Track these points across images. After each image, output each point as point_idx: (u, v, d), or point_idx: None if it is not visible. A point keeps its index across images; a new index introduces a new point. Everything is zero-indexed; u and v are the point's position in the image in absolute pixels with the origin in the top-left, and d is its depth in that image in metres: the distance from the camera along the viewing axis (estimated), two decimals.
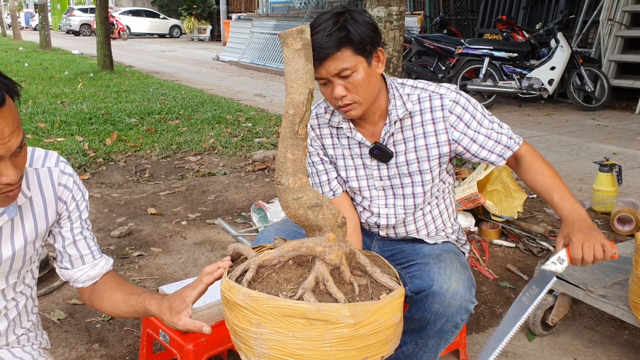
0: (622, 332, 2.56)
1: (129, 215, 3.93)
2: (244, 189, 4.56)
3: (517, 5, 11.48)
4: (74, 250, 1.48)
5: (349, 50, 1.59)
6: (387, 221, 1.90)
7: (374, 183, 1.86)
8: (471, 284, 1.71)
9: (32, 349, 1.49)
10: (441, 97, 1.75)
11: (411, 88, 1.79)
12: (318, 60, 1.58)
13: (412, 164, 1.81)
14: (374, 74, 1.67)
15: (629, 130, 7.01)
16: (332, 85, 1.65)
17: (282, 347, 1.21)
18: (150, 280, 3.00)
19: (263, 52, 14.73)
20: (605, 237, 1.61)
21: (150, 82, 10.93)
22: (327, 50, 1.58)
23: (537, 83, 8.23)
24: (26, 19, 36.90)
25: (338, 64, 1.60)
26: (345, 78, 1.62)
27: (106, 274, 1.54)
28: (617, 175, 3.98)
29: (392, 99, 1.76)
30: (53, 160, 1.40)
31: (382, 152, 1.79)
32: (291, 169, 1.32)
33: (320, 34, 1.58)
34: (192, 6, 28.88)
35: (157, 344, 2.22)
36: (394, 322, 1.29)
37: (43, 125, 6.45)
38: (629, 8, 8.59)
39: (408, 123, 1.78)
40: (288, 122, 1.30)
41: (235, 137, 6.31)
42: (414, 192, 1.85)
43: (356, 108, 1.69)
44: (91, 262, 1.51)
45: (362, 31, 1.60)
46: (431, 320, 1.68)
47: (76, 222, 1.46)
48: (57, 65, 13.54)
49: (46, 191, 1.38)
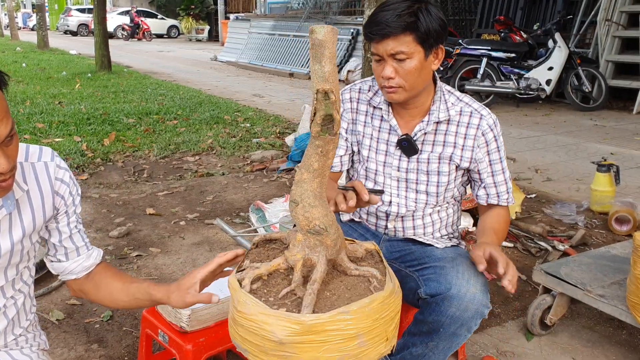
0: (621, 332, 2.56)
1: (128, 216, 3.92)
2: (242, 189, 4.56)
3: (514, 5, 11.49)
4: (70, 243, 1.50)
5: (412, 36, 1.63)
6: (397, 209, 1.90)
7: (390, 172, 1.88)
8: (487, 289, 1.71)
9: (30, 351, 1.49)
10: (481, 118, 1.80)
11: (456, 99, 1.83)
12: (380, 36, 1.64)
13: (433, 163, 1.83)
14: (427, 68, 1.71)
15: (627, 130, 7.02)
16: (384, 64, 1.69)
17: (379, 334, 1.27)
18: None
19: (261, 53, 14.72)
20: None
21: (148, 82, 10.92)
22: (392, 29, 1.62)
23: (535, 83, 8.25)
24: (24, 19, 36.81)
25: (396, 45, 1.63)
26: (399, 61, 1.66)
27: (100, 264, 1.57)
28: (614, 175, 3.99)
29: (438, 100, 1.80)
30: (48, 155, 1.43)
31: (410, 145, 1.82)
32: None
33: (391, 12, 1.62)
34: (190, 6, 28.84)
35: (156, 344, 2.22)
36: None
37: (41, 126, 6.44)
38: (626, 8, 8.61)
39: (443, 128, 1.81)
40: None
41: (233, 137, 6.31)
42: (428, 190, 1.86)
43: (400, 92, 1.72)
44: (86, 254, 1.53)
45: (430, 23, 1.64)
46: (445, 323, 1.66)
47: (72, 216, 1.49)
48: (55, 65, 13.52)
49: (43, 185, 1.39)
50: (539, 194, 4.44)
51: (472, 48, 8.44)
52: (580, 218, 3.82)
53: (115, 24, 27.77)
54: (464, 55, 8.40)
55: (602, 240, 3.54)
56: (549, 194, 4.46)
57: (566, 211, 3.90)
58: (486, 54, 8.32)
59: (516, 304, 2.81)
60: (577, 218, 3.82)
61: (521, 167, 5.25)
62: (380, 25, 1.62)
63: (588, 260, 2.57)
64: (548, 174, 5.01)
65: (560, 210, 3.94)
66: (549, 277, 2.44)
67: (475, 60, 8.34)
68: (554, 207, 4.02)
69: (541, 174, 5.01)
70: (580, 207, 4.04)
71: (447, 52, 8.81)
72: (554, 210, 3.96)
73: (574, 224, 3.78)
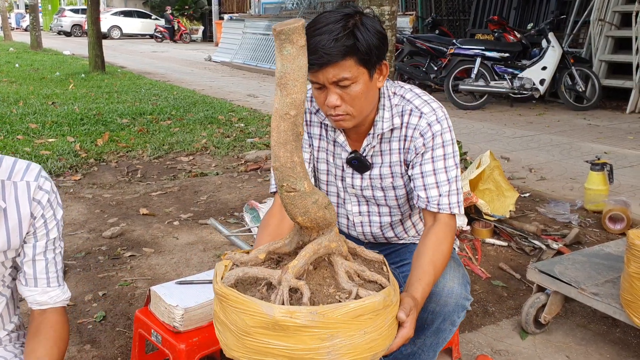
0: (614, 330, 2.57)
1: (121, 216, 3.91)
2: (236, 189, 4.55)
3: (508, 5, 11.52)
4: (29, 269, 1.40)
5: (353, 59, 1.48)
6: (362, 229, 1.87)
7: (347, 188, 1.81)
8: (466, 281, 1.70)
9: (14, 348, 1.48)
10: (421, 116, 1.65)
11: (400, 98, 1.68)
12: (318, 65, 1.48)
13: (386, 178, 1.74)
14: (373, 88, 1.58)
15: (620, 129, 7.04)
16: (326, 92, 1.55)
17: (355, 348, 1.20)
18: (142, 281, 2.98)
19: (255, 53, 14.71)
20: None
21: (142, 82, 10.89)
22: (331, 56, 1.46)
23: (529, 83, 8.27)
24: (17, 20, 36.66)
25: (338, 72, 1.49)
26: (343, 88, 1.52)
27: (54, 312, 1.44)
28: (608, 174, 4.00)
29: (382, 109, 1.67)
30: (33, 174, 1.36)
31: (360, 163, 1.72)
32: (302, 173, 1.23)
33: (326, 35, 1.46)
34: (184, 7, 28.81)
35: (149, 345, 2.21)
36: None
37: (34, 126, 6.41)
38: (619, 8, 8.64)
39: (388, 135, 1.70)
40: (290, 124, 1.21)
41: (227, 137, 6.30)
42: (388, 204, 1.80)
43: (348, 120, 1.58)
44: (42, 288, 1.41)
45: (370, 41, 1.49)
46: (428, 319, 1.66)
47: (41, 240, 1.39)
48: (49, 66, 13.48)
49: (22, 207, 1.34)
50: (533, 193, 4.44)
51: (466, 48, 8.46)
52: (574, 217, 3.83)
53: (109, 25, 27.69)
54: (458, 55, 8.42)
55: (596, 239, 3.55)
56: (543, 193, 4.47)
57: (560, 210, 3.91)
58: (480, 53, 8.33)
59: (510, 302, 2.81)
60: (571, 217, 3.82)
61: (515, 166, 5.26)
62: (318, 53, 1.44)
63: (582, 259, 2.57)
64: (542, 173, 5.02)
65: (554, 209, 3.95)
66: (543, 275, 2.44)
67: (469, 60, 8.35)
68: (548, 206, 4.02)
69: (535, 173, 5.02)
70: (574, 205, 4.05)
71: (441, 52, 8.85)
72: (548, 209, 3.97)
73: (567, 222, 3.78)
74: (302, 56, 1.18)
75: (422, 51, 9.18)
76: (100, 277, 3.02)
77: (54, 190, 1.40)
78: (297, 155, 1.22)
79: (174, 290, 2.02)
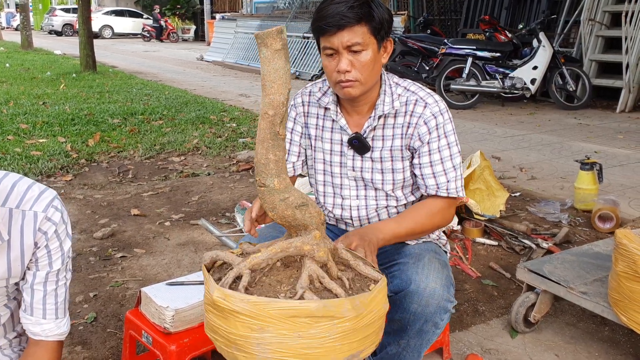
0: (603, 328, 2.59)
1: (112, 217, 3.90)
2: (228, 189, 4.55)
3: (499, 5, 11.55)
4: (27, 297, 1.37)
5: (367, 27, 1.62)
6: (357, 213, 1.89)
7: (346, 172, 1.86)
8: (449, 283, 1.70)
9: (12, 352, 1.48)
10: (426, 106, 1.76)
11: (403, 90, 1.79)
12: (334, 28, 1.60)
13: (386, 161, 1.81)
14: (378, 61, 1.70)
15: (610, 129, 7.09)
16: (338, 58, 1.65)
17: (287, 349, 1.20)
18: (133, 282, 2.98)
19: (247, 52, 14.69)
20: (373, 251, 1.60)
21: (133, 82, 10.85)
22: (347, 20, 1.59)
23: (520, 82, 8.31)
24: (7, 19, 36.41)
25: (353, 36, 1.61)
26: (355, 53, 1.64)
27: (48, 345, 1.41)
28: (598, 173, 4.03)
29: (383, 94, 1.77)
30: (43, 204, 1.32)
31: (361, 143, 1.80)
32: (274, 170, 1.31)
33: (342, 4, 1.59)
34: (175, 6, 28.72)
35: (140, 346, 2.21)
36: (384, 310, 1.33)
37: (25, 126, 6.38)
38: (609, 8, 8.69)
39: (391, 122, 1.79)
40: (268, 123, 1.29)
41: (219, 137, 6.29)
42: (384, 188, 1.85)
43: (356, 87, 1.68)
44: (37, 319, 1.38)
45: (382, 14, 1.64)
46: (410, 320, 1.67)
47: (42, 270, 1.36)
48: (39, 65, 13.40)
49: (26, 237, 1.31)
50: (523, 192, 4.47)
51: (457, 48, 8.49)
52: (564, 216, 3.85)
53: (101, 24, 27.55)
54: (450, 54, 8.44)
55: (586, 238, 3.57)
56: (533, 192, 4.49)
57: (550, 209, 3.93)
58: (471, 53, 8.36)
59: (500, 301, 2.83)
60: (560, 216, 3.85)
61: (506, 165, 5.28)
62: (336, 17, 1.59)
63: (571, 258, 2.59)
64: (532, 173, 5.04)
65: (544, 208, 3.97)
66: (533, 274, 2.46)
67: (461, 59, 8.38)
68: (538, 205, 4.05)
69: (526, 173, 5.04)
70: (564, 205, 4.07)
71: (433, 51, 8.87)
72: (538, 209, 3.99)
73: (557, 221, 3.81)
74: (277, 59, 1.26)
75: (413, 51, 9.19)
76: (91, 278, 3.01)
77: (65, 221, 1.36)
78: (273, 153, 1.30)
79: (165, 291, 2.02)
